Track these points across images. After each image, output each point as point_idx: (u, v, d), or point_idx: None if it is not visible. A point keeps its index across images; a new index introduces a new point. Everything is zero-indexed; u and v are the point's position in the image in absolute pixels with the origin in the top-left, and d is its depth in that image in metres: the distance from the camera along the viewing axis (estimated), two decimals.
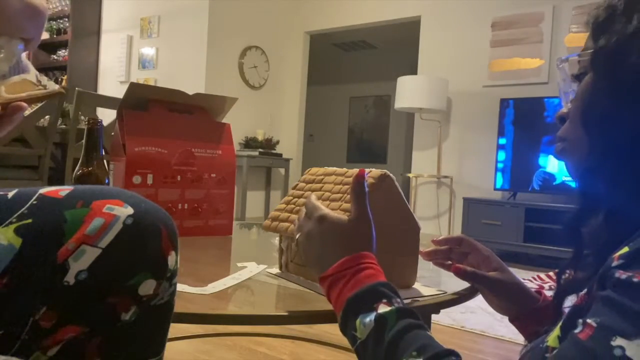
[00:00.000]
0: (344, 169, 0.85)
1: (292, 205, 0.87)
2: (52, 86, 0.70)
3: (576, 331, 0.41)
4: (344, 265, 0.60)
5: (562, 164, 0.62)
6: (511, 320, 0.77)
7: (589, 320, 0.41)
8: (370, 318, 0.53)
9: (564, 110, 0.61)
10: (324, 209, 0.68)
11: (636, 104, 0.48)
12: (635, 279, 0.39)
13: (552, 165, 3.68)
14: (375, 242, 0.64)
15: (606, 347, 0.38)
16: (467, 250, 0.81)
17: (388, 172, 0.78)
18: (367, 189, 0.66)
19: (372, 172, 0.79)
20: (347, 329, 0.56)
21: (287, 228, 0.82)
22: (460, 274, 0.75)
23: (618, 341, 0.38)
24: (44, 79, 0.72)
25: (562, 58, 0.62)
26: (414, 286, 0.83)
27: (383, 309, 0.54)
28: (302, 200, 0.86)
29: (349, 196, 0.73)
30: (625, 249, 0.42)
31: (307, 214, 0.70)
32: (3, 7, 0.52)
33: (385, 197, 0.78)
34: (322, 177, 0.87)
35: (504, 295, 0.76)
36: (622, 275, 0.40)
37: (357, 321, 0.54)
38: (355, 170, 0.81)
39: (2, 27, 0.53)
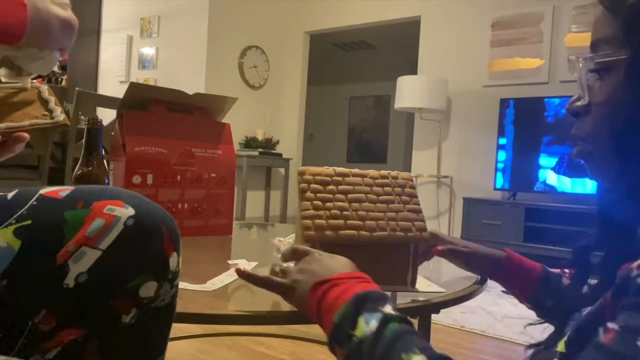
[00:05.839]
0: (359, 170, 0.83)
1: (319, 202, 0.76)
2: (58, 115, 0.72)
3: (598, 338, 0.40)
4: (353, 275, 0.59)
5: (567, 168, 0.59)
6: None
7: (610, 326, 0.40)
8: (375, 318, 0.52)
9: (579, 103, 0.54)
10: (306, 248, 0.68)
11: None
12: None
13: (552, 177, 3.68)
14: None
15: (632, 347, 0.37)
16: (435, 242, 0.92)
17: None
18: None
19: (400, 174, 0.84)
20: (343, 323, 0.53)
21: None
22: (442, 254, 0.90)
23: None
24: (52, 100, 0.73)
25: (586, 57, 0.53)
26: (414, 286, 0.83)
27: (389, 310, 0.53)
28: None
29: (395, 197, 0.80)
30: None
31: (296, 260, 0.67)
32: (47, 28, 0.62)
33: None
34: (341, 178, 0.79)
35: (473, 264, 0.92)
36: None
37: (360, 318, 0.53)
38: (369, 172, 0.82)
39: (45, 43, 0.63)
